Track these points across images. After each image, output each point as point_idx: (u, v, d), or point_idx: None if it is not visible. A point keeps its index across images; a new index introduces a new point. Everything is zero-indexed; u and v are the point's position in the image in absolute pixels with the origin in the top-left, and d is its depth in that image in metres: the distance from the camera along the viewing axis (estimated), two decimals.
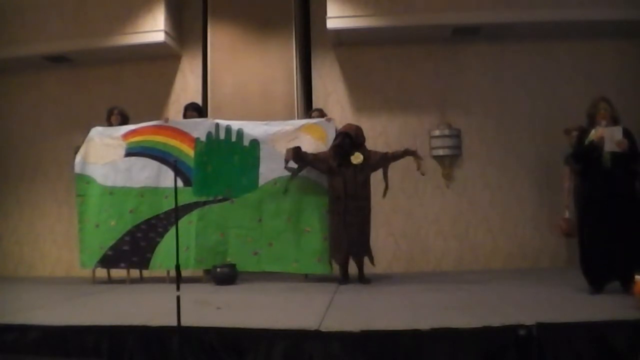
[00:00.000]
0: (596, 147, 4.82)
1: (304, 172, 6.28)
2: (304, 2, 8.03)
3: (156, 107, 7.82)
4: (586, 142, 4.92)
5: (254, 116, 6.97)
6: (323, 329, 3.72)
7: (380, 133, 7.46)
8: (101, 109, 7.10)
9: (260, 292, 5.64)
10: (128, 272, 6.61)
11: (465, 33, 7.43)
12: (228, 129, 6.55)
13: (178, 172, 6.23)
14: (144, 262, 6.51)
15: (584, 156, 4.99)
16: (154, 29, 7.52)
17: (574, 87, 7.38)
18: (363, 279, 6.05)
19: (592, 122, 4.97)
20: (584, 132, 5.04)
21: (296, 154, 6.11)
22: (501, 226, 7.43)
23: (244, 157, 6.49)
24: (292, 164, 6.24)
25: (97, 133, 6.78)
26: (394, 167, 6.33)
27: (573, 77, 7.46)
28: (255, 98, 7.63)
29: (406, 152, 6.16)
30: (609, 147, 4.77)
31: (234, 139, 6.53)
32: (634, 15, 6.94)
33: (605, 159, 4.79)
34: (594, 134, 4.88)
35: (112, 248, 6.52)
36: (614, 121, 4.91)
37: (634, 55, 7.46)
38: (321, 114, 6.71)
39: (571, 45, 7.52)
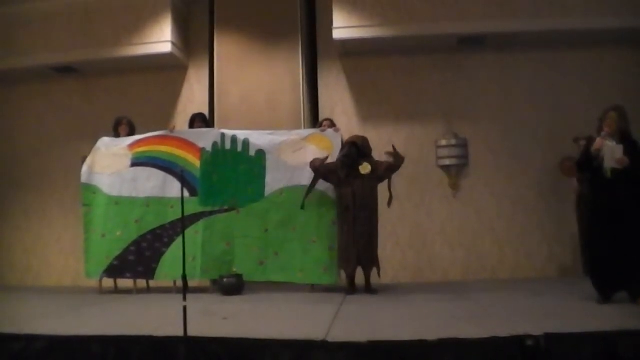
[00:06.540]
0: (595, 156, 4.82)
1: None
2: (310, 12, 8.07)
3: (163, 117, 7.85)
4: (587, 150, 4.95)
5: (261, 126, 6.99)
6: (330, 339, 3.71)
7: (386, 143, 7.42)
8: (108, 119, 7.13)
9: (266, 303, 5.63)
10: (135, 282, 6.60)
11: (471, 43, 7.45)
12: (234, 139, 6.55)
13: (184, 182, 6.24)
14: (149, 272, 6.50)
15: (585, 165, 5.01)
16: (160, 39, 7.59)
17: (579, 95, 7.38)
18: (370, 289, 6.03)
19: (600, 130, 4.96)
20: (591, 141, 5.01)
21: (318, 166, 6.11)
22: (508, 236, 7.41)
23: (250, 167, 6.49)
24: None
25: (104, 144, 6.80)
26: (401, 178, 6.32)
27: (578, 86, 7.46)
28: (262, 108, 7.66)
29: (394, 158, 6.19)
30: (609, 163, 4.76)
31: (239, 149, 6.53)
32: (638, 23, 6.94)
33: (606, 171, 4.79)
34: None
35: (117, 258, 6.50)
36: (621, 133, 4.85)
37: (639, 63, 7.44)
38: (332, 123, 6.73)
39: (576, 54, 7.53)
